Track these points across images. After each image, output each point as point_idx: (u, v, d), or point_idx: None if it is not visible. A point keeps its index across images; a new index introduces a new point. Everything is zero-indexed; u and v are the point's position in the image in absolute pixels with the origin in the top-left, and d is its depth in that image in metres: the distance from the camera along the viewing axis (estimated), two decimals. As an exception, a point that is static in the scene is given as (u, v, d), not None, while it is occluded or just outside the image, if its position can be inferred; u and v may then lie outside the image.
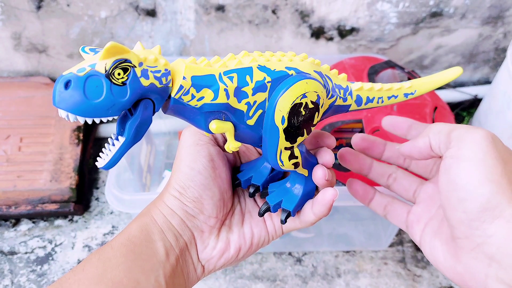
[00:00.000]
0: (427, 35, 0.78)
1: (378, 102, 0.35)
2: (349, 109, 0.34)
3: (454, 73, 0.36)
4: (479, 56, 0.83)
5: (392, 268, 0.65)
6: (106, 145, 0.27)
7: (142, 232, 0.32)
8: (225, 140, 0.36)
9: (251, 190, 0.36)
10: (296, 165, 0.32)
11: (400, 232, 0.69)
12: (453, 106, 0.83)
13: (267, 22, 0.75)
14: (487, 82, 0.88)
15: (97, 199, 0.73)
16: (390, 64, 0.64)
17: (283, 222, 0.35)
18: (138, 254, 0.31)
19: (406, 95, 0.36)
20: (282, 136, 0.30)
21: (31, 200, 0.67)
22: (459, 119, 0.83)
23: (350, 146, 0.64)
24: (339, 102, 0.33)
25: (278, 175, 0.37)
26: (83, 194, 0.71)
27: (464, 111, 0.84)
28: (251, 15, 0.74)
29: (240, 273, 0.64)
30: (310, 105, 0.30)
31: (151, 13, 0.73)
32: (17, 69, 0.80)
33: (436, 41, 0.79)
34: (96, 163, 0.27)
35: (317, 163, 0.34)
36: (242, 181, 0.36)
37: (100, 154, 0.27)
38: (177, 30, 0.76)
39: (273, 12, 0.73)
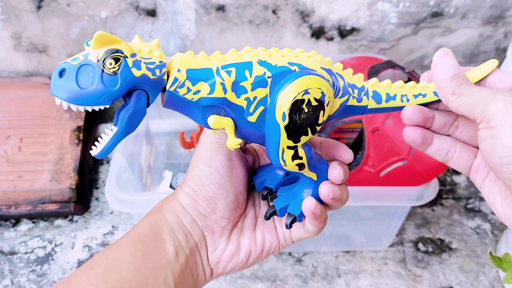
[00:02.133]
0: (428, 35, 0.78)
1: (402, 101, 0.32)
2: (368, 109, 0.32)
3: (490, 67, 0.32)
4: (480, 56, 0.83)
5: (392, 268, 0.65)
6: (102, 134, 0.28)
7: (151, 231, 0.32)
8: (246, 142, 0.36)
9: (264, 192, 0.35)
10: (300, 166, 0.31)
11: (401, 232, 0.69)
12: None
13: (268, 22, 0.75)
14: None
15: (97, 199, 0.73)
16: (390, 64, 0.64)
17: (288, 227, 0.34)
18: (147, 253, 0.31)
19: (436, 93, 0.32)
20: (283, 133, 0.29)
21: (31, 200, 0.67)
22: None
23: (351, 146, 0.64)
24: (353, 102, 0.31)
25: (293, 179, 0.35)
26: (83, 194, 0.71)
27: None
28: (251, 15, 0.74)
29: (241, 273, 0.64)
30: (314, 103, 0.28)
31: (152, 13, 0.73)
32: (17, 69, 0.80)
33: (437, 41, 0.79)
34: (91, 151, 0.28)
35: (327, 170, 0.33)
36: (256, 183, 0.36)
37: (95, 142, 0.28)
38: (178, 30, 0.76)
39: (274, 12, 0.73)
